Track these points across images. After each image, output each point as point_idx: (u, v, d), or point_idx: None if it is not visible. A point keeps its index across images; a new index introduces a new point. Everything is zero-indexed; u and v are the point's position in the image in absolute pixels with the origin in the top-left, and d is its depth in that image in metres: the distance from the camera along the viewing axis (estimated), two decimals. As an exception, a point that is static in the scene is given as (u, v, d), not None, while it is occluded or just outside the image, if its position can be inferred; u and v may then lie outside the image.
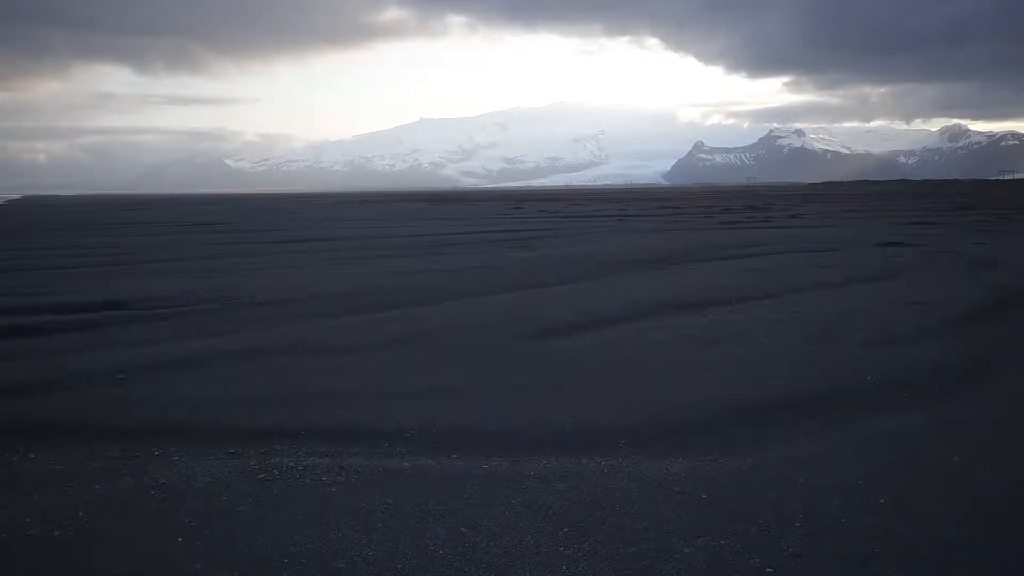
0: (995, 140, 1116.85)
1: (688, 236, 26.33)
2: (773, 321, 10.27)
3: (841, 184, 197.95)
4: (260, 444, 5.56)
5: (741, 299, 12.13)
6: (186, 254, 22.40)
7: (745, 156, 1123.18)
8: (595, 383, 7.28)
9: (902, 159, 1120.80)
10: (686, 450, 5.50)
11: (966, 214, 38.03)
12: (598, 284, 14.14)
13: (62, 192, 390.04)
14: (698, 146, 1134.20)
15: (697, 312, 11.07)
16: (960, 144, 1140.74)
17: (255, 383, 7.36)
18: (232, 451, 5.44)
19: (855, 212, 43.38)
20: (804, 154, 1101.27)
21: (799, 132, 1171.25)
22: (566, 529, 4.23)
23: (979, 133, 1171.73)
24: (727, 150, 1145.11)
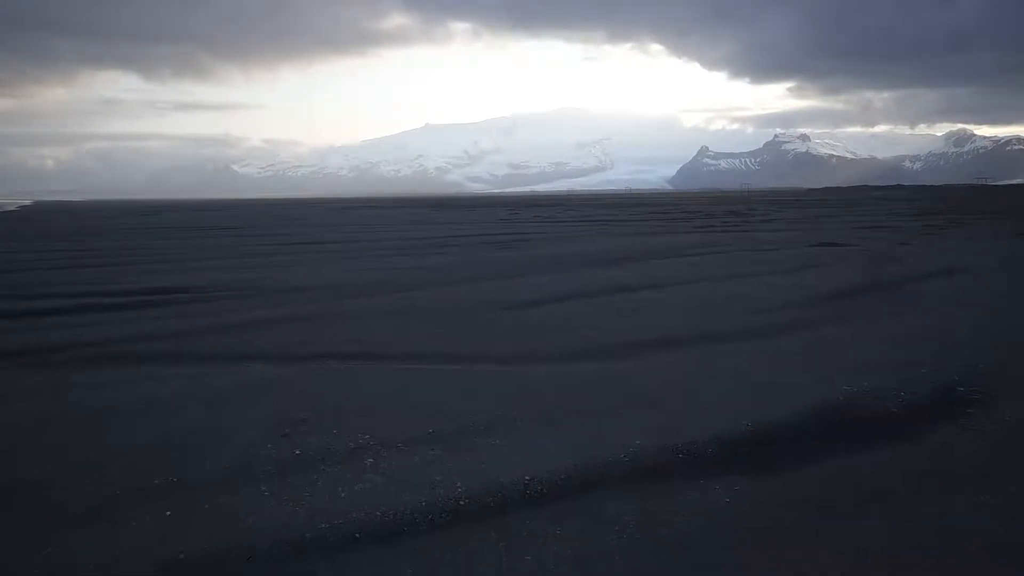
0: (1000, 145, 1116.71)
1: (660, 239, 29.63)
2: (687, 298, 13.57)
3: (840, 190, 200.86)
4: (314, 362, 8.89)
5: (672, 284, 15.42)
6: (217, 254, 25.76)
7: (750, 161, 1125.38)
8: (537, 334, 10.56)
9: (907, 164, 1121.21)
10: (588, 362, 8.77)
11: (926, 218, 41.22)
12: (563, 276, 17.43)
13: (70, 198, 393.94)
14: (703, 151, 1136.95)
15: (632, 293, 14.37)
16: (965, 149, 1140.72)
17: (299, 335, 10.68)
18: (299, 363, 8.78)
19: (826, 217, 46.59)
20: (809, 159, 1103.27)
21: (804, 137, 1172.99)
22: (489, 393, 7.55)
23: (984, 138, 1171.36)
24: (732, 155, 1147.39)
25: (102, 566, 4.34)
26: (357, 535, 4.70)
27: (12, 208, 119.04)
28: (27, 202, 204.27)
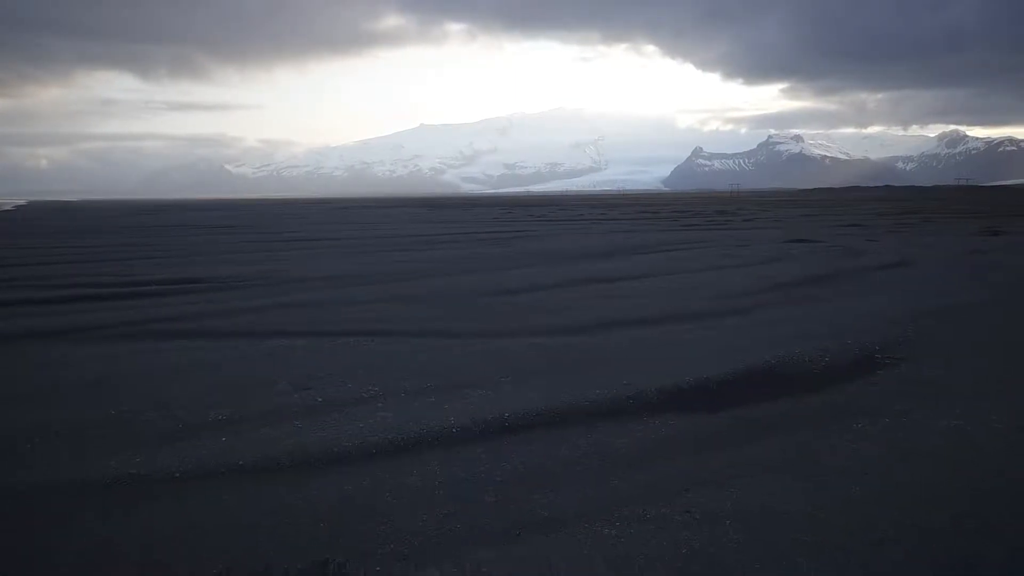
0: (993, 146, 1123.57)
1: (644, 236, 31.08)
2: (659, 287, 15.00)
3: (831, 190, 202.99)
4: (329, 336, 10.30)
5: (648, 275, 16.85)
6: (223, 250, 27.11)
7: (744, 161, 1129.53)
8: (522, 315, 11.98)
9: (900, 165, 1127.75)
10: (563, 336, 10.19)
11: (903, 217, 42.76)
12: (550, 268, 18.85)
13: (66, 198, 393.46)
14: (697, 152, 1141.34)
15: (612, 283, 15.79)
16: (958, 150, 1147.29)
17: (310, 317, 12.08)
18: (313, 338, 10.19)
19: (809, 216, 48.15)
20: (803, 160, 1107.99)
21: (798, 138, 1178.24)
22: (477, 358, 8.97)
23: (977, 139, 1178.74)
24: (726, 156, 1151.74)
25: (181, 469, 5.74)
26: (373, 451, 6.12)
27: (8, 208, 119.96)
28: (22, 202, 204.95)
